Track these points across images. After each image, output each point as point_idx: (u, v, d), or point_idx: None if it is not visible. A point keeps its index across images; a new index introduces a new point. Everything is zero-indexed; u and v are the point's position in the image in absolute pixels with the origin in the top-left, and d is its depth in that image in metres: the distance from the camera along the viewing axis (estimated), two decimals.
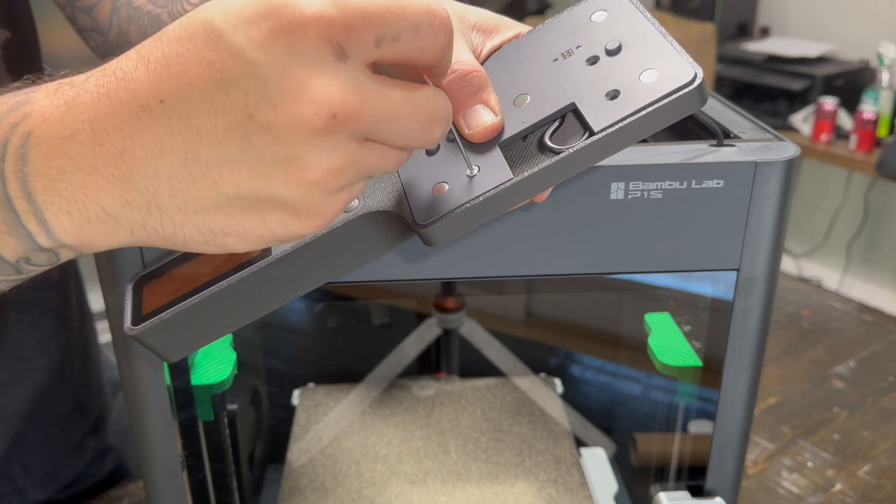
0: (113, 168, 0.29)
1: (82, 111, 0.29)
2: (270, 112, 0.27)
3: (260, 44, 0.27)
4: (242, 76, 0.27)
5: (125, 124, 0.29)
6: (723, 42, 2.60)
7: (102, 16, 0.62)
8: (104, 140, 0.29)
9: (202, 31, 0.28)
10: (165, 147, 0.29)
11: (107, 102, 0.29)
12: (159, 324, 0.35)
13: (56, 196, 0.30)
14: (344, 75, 0.28)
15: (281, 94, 0.27)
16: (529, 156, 0.35)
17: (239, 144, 0.28)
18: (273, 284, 0.36)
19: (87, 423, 0.76)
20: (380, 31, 0.28)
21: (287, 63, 0.27)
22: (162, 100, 0.28)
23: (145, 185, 0.29)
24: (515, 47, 0.40)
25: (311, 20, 0.27)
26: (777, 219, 0.45)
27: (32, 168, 0.30)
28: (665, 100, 0.33)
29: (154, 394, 0.48)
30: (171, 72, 0.28)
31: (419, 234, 0.35)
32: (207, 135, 0.28)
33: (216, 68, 0.28)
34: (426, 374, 0.80)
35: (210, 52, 0.28)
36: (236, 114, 0.28)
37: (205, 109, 0.28)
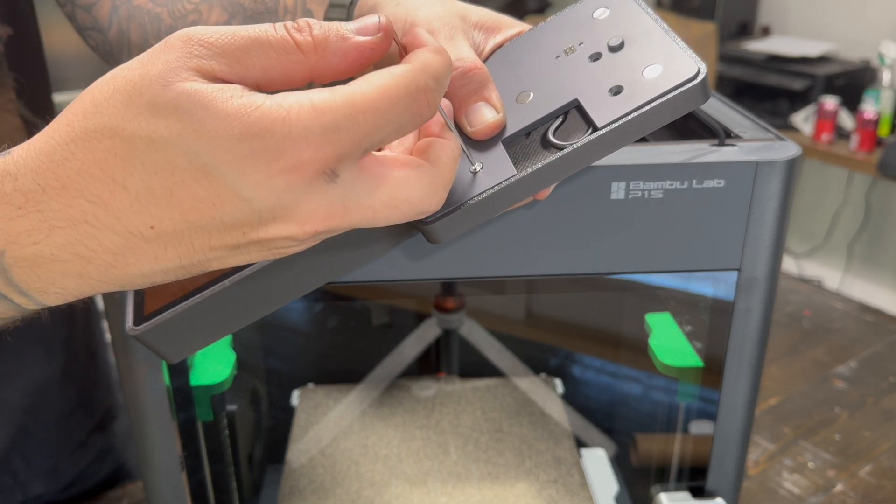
0: (104, 276, 0.29)
1: (59, 237, 0.28)
2: (262, 230, 0.29)
3: (257, 183, 0.27)
4: (239, 210, 0.28)
5: (112, 245, 0.28)
6: (724, 41, 2.59)
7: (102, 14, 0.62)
8: (91, 259, 0.29)
9: (188, 165, 0.27)
10: (159, 257, 0.29)
11: (87, 227, 0.28)
12: (161, 324, 0.35)
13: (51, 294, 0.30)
14: (332, 196, 0.29)
15: (273, 219, 0.28)
16: (533, 152, 0.35)
17: (229, 249, 0.30)
18: (275, 284, 0.36)
19: (93, 420, 0.76)
20: (368, 145, 0.29)
21: (282, 197, 0.28)
22: (153, 226, 0.28)
23: (140, 280, 0.30)
24: (518, 45, 0.40)
25: (311, 162, 0.27)
26: (778, 219, 0.45)
27: (20, 279, 0.30)
28: (668, 95, 0.33)
29: (153, 394, 0.48)
30: (158, 203, 0.28)
31: (422, 231, 0.35)
32: (201, 247, 0.29)
33: (212, 203, 0.28)
34: (426, 375, 0.80)
35: (202, 189, 0.27)
36: (230, 234, 0.29)
37: (200, 232, 0.29)
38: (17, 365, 0.68)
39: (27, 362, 0.69)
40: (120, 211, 0.28)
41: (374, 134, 0.29)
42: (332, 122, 0.28)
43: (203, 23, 0.54)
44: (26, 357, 0.69)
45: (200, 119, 0.27)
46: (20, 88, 0.61)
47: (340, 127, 0.28)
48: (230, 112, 0.27)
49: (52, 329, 0.70)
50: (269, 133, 0.27)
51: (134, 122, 0.27)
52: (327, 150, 0.28)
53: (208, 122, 0.27)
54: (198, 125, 0.27)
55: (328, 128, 0.27)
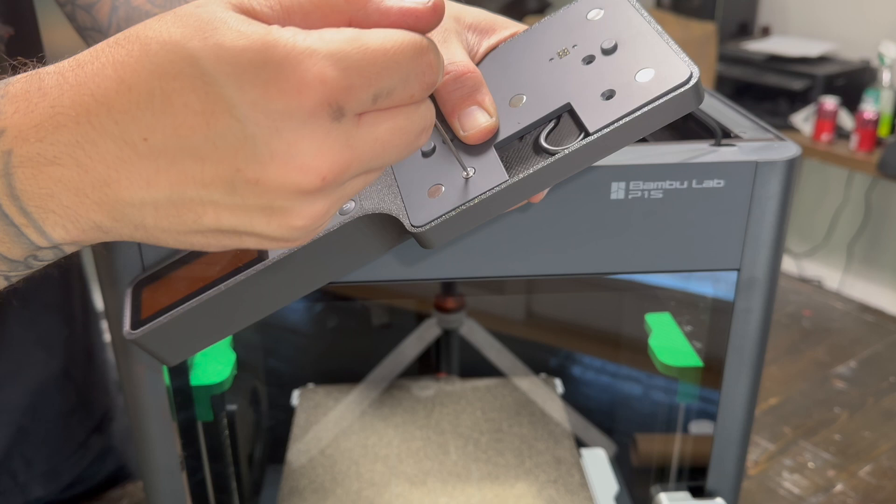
0: (100, 193, 0.29)
1: (62, 134, 0.28)
2: (258, 169, 0.27)
3: (253, 102, 0.26)
4: (231, 132, 0.27)
5: (108, 155, 0.28)
6: (724, 41, 2.59)
7: (102, 14, 0.62)
8: (88, 168, 0.29)
9: (189, 70, 0.27)
10: (151, 182, 0.28)
11: (88, 128, 0.28)
12: (158, 328, 0.35)
13: (50, 213, 0.30)
14: (336, 137, 0.27)
15: (270, 155, 0.27)
16: (525, 157, 0.35)
17: (224, 190, 0.28)
18: (271, 288, 0.36)
19: (92, 421, 0.76)
20: (377, 89, 0.28)
21: (280, 125, 0.27)
22: (146, 138, 0.28)
23: (131, 211, 0.29)
24: (511, 47, 0.40)
25: (313, 84, 0.26)
26: (778, 219, 0.45)
27: (22, 188, 0.30)
28: (660, 100, 0.33)
29: (153, 394, 0.48)
30: (154, 109, 0.27)
31: (415, 236, 0.35)
32: (193, 177, 0.28)
33: (204, 119, 0.27)
34: (426, 375, 0.80)
35: (197, 100, 0.27)
36: (223, 165, 0.27)
37: (192, 155, 0.28)
38: (17, 365, 0.68)
39: (27, 363, 0.69)
40: (119, 113, 0.28)
41: (384, 76, 0.27)
42: (340, 50, 0.27)
43: None
44: (26, 358, 0.69)
45: (215, 29, 0.26)
46: None
47: (349, 56, 0.27)
48: (243, 29, 0.27)
49: (51, 329, 0.70)
50: (272, 48, 0.26)
51: (157, 27, 0.28)
52: (333, 76, 0.26)
53: (220, 33, 0.26)
54: (210, 34, 0.26)
55: (335, 53, 0.27)
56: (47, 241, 0.31)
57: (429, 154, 0.37)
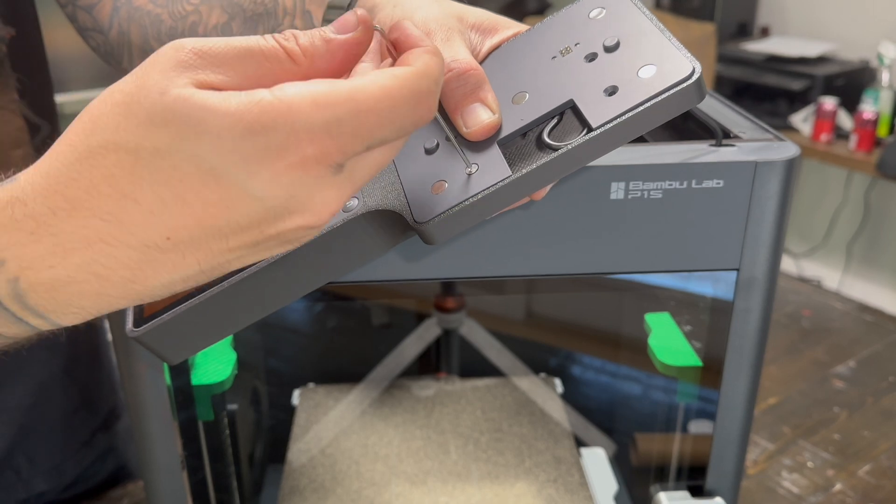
0: (123, 292, 0.29)
1: (75, 258, 0.28)
2: (280, 225, 0.29)
3: (265, 182, 0.27)
4: (252, 209, 0.28)
5: (130, 260, 0.28)
6: (723, 42, 2.59)
7: (103, 15, 0.62)
8: (109, 276, 0.29)
9: (195, 170, 0.27)
10: (178, 266, 0.29)
11: (102, 246, 0.28)
12: (161, 325, 0.35)
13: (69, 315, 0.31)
14: (339, 181, 0.29)
15: (289, 214, 0.29)
16: (528, 153, 0.35)
17: (250, 248, 0.30)
18: (274, 285, 0.36)
19: (97, 419, 0.77)
20: (371, 142, 0.29)
21: (293, 193, 0.28)
22: (169, 237, 0.28)
23: (159, 292, 0.30)
24: (514, 45, 0.40)
25: (314, 157, 0.28)
26: (777, 219, 0.45)
27: (36, 304, 0.30)
28: (663, 95, 0.33)
29: (154, 394, 0.48)
30: (171, 213, 0.28)
31: (418, 232, 0.35)
32: (220, 250, 0.29)
33: (223, 206, 0.28)
34: (426, 375, 0.80)
35: (213, 193, 0.27)
36: (248, 234, 0.29)
37: (216, 236, 0.29)
38: (20, 363, 0.68)
39: (30, 361, 0.69)
40: (134, 225, 0.28)
41: (377, 132, 0.29)
42: (334, 117, 0.27)
43: (203, 24, 0.54)
44: (29, 356, 0.69)
45: (201, 120, 0.26)
46: (23, 89, 0.61)
47: (342, 121, 0.28)
48: (230, 110, 0.27)
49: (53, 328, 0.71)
50: (272, 129, 0.27)
51: (136, 133, 0.27)
52: (330, 145, 0.28)
53: (210, 123, 0.26)
54: (199, 127, 0.26)
55: (330, 122, 0.27)
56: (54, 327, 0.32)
57: (432, 151, 0.37)
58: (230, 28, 0.52)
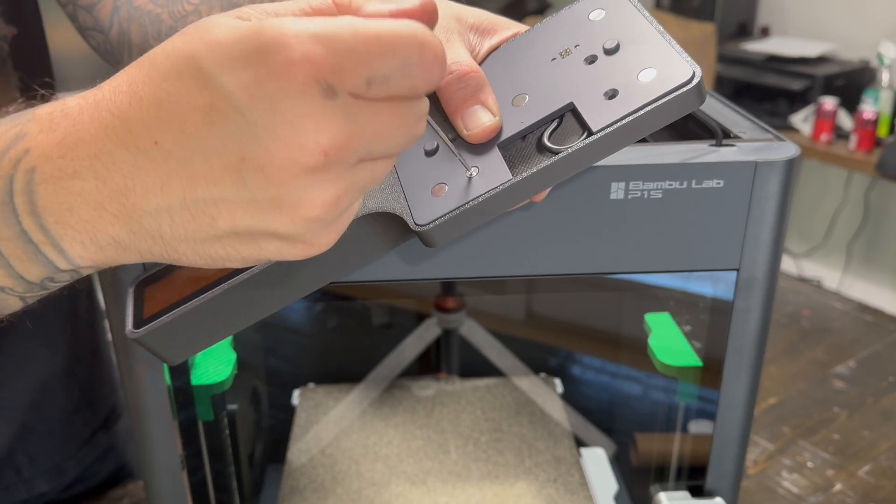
0: (117, 204, 0.30)
1: (82, 149, 0.30)
2: (262, 154, 0.28)
3: (248, 86, 0.27)
4: (232, 120, 0.27)
5: (124, 164, 0.29)
6: (723, 42, 2.59)
7: (103, 14, 0.62)
8: (105, 178, 0.30)
9: (188, 69, 0.28)
10: (164, 186, 0.29)
11: (105, 141, 0.29)
12: (160, 327, 0.35)
13: (69, 229, 0.31)
14: (332, 111, 0.27)
15: (271, 137, 0.27)
16: (528, 156, 0.35)
17: (234, 184, 0.29)
18: (274, 287, 0.36)
19: (98, 418, 0.77)
20: (370, 72, 0.27)
21: (276, 105, 0.27)
22: (156, 141, 0.29)
23: (148, 220, 0.30)
24: (514, 47, 0.40)
25: (299, 62, 0.27)
26: (777, 219, 0.45)
27: (42, 204, 0.31)
28: (663, 99, 0.33)
29: (154, 394, 0.48)
30: (161, 113, 0.28)
31: (418, 235, 0.35)
32: (203, 175, 0.29)
33: (206, 112, 0.28)
34: (426, 374, 0.80)
35: (198, 95, 0.28)
36: (229, 156, 0.28)
37: (199, 152, 0.28)
38: (20, 362, 0.68)
39: (30, 360, 0.69)
40: (133, 122, 0.29)
41: (378, 60, 0.27)
42: (329, 31, 0.27)
43: None
44: (29, 354, 0.69)
45: (208, 29, 0.28)
46: (25, 88, 0.61)
47: (337, 36, 0.27)
48: (235, 24, 0.28)
49: (55, 327, 0.71)
50: (260, 33, 0.27)
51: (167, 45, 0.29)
52: (319, 53, 0.27)
53: (213, 31, 0.28)
54: (204, 33, 0.28)
55: (323, 33, 0.27)
56: (65, 261, 0.32)
57: (432, 153, 0.37)
58: None
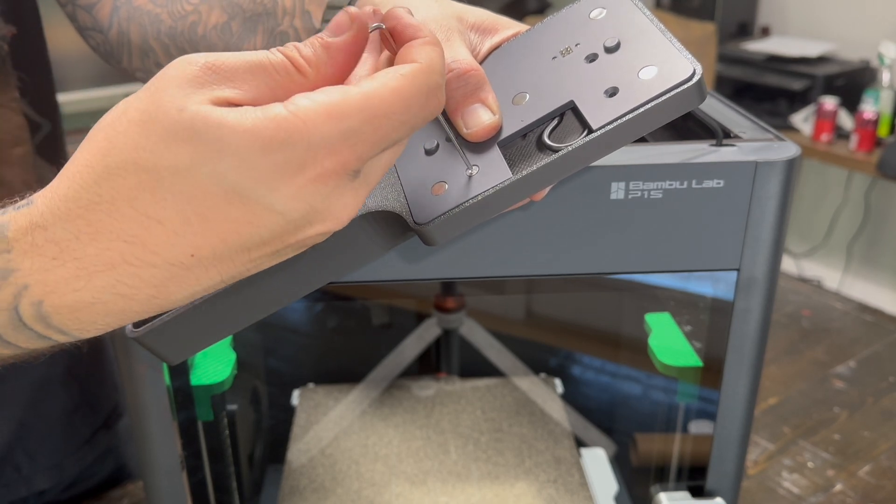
0: (146, 307, 0.30)
1: (99, 280, 0.28)
2: (300, 235, 0.30)
3: (287, 197, 0.28)
4: (275, 223, 0.28)
5: (155, 280, 0.29)
6: (723, 42, 2.59)
7: (103, 14, 0.62)
8: (134, 297, 0.29)
9: (219, 190, 0.27)
10: (200, 279, 0.29)
11: (125, 267, 0.28)
12: (161, 326, 0.35)
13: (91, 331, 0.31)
14: (356, 186, 0.30)
15: (310, 224, 0.29)
16: (528, 154, 0.35)
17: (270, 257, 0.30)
18: (274, 287, 0.36)
19: (99, 418, 0.77)
20: (386, 145, 0.29)
21: (314, 205, 0.29)
22: (193, 254, 0.28)
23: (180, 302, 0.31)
24: (514, 45, 0.40)
25: (332, 169, 0.28)
26: (777, 219, 0.45)
27: (60, 322, 0.30)
28: (664, 96, 0.33)
29: (154, 394, 0.48)
30: (194, 231, 0.28)
31: (418, 233, 0.35)
32: (242, 262, 0.30)
33: (246, 222, 0.28)
34: (426, 375, 0.80)
35: (237, 212, 0.28)
36: (270, 246, 0.29)
37: (240, 250, 0.29)
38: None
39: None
40: (158, 246, 0.28)
41: (392, 134, 0.29)
42: (350, 128, 0.28)
43: (202, 24, 0.54)
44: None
45: (220, 138, 0.27)
46: (24, 87, 0.61)
47: (358, 131, 0.28)
48: (248, 127, 0.27)
49: None
50: (289, 145, 0.27)
51: (155, 152, 0.27)
52: (348, 155, 0.28)
53: (229, 140, 0.27)
54: (219, 145, 0.27)
55: (347, 133, 0.28)
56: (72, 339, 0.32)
57: (432, 152, 0.37)
58: (229, 28, 0.52)
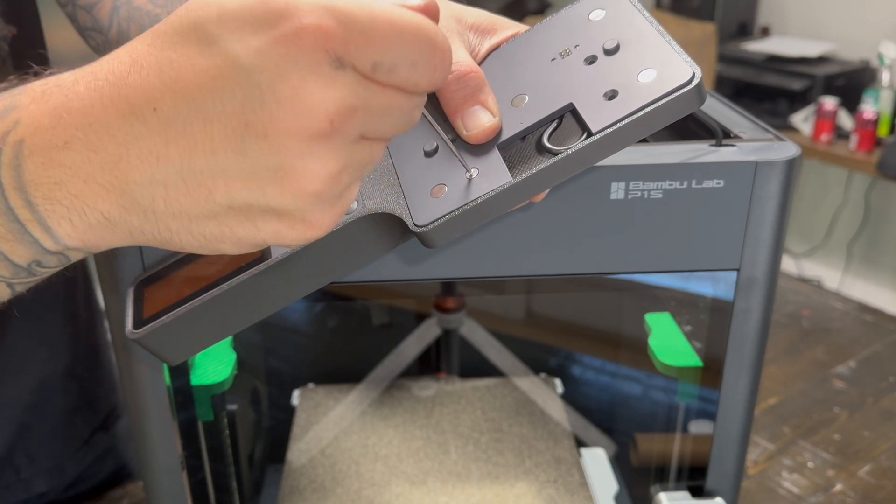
0: (109, 176, 0.29)
1: (74, 118, 0.29)
2: (266, 120, 0.27)
3: (256, 51, 0.27)
4: (237, 83, 0.27)
5: (119, 132, 0.28)
6: (723, 42, 2.59)
7: (103, 14, 0.62)
8: (98, 148, 0.29)
9: (194, 35, 0.27)
10: (160, 156, 0.28)
11: (100, 109, 0.28)
12: (160, 327, 0.35)
13: (56, 205, 0.30)
14: (340, 81, 0.27)
15: (277, 102, 0.27)
16: (528, 157, 0.35)
17: (234, 153, 0.28)
18: (274, 287, 0.36)
19: (97, 419, 0.77)
20: (377, 57, 0.27)
21: (283, 70, 0.27)
22: (155, 108, 0.28)
23: (140, 192, 0.29)
24: (513, 47, 0.40)
25: (310, 30, 0.26)
26: (777, 219, 0.45)
27: (30, 178, 0.29)
28: (663, 100, 0.33)
29: (154, 394, 0.48)
30: (163, 78, 0.28)
31: (418, 236, 0.35)
32: (202, 143, 0.28)
33: (210, 76, 0.27)
34: (426, 375, 0.80)
35: (203, 59, 0.27)
36: (232, 122, 0.27)
37: (200, 117, 0.27)
38: (18, 362, 0.68)
39: (29, 360, 0.69)
40: (130, 89, 0.28)
41: (387, 47, 0.27)
42: (344, 7, 0.27)
43: None
44: (29, 355, 0.69)
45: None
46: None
47: (351, 13, 0.27)
48: None
49: (54, 327, 0.71)
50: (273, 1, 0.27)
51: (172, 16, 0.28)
52: (331, 25, 0.27)
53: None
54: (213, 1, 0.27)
55: (337, 8, 0.27)
56: (52, 241, 0.31)
57: (431, 154, 0.37)
58: None
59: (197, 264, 0.38)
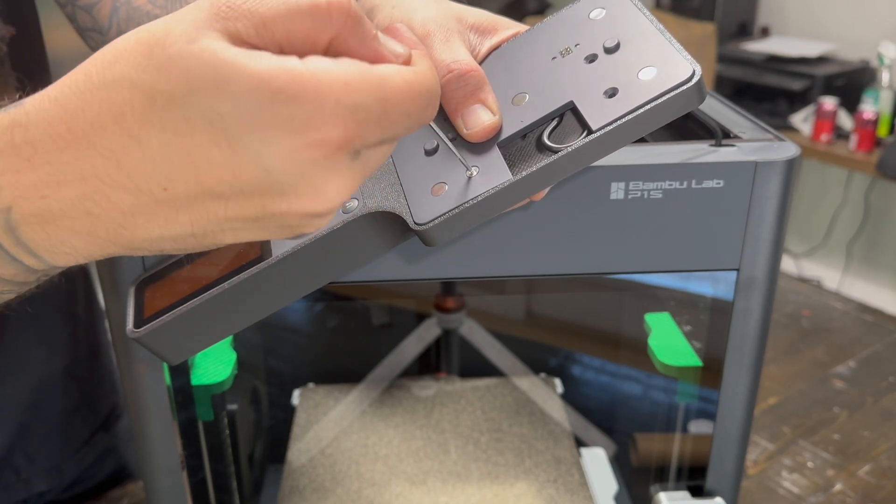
0: (113, 236, 0.29)
1: (68, 191, 0.27)
2: (284, 205, 0.28)
3: (281, 156, 0.26)
4: (259, 181, 0.27)
5: (123, 204, 0.28)
6: (723, 42, 2.59)
7: (102, 15, 0.62)
8: (101, 217, 0.28)
9: (208, 125, 0.26)
10: (170, 221, 0.28)
11: (96, 182, 0.27)
12: (161, 326, 0.35)
13: (61, 254, 0.30)
14: (352, 169, 0.28)
15: (296, 194, 0.28)
16: (528, 155, 0.35)
17: (247, 220, 0.28)
18: (274, 286, 0.36)
19: (97, 419, 0.77)
20: (389, 134, 0.29)
21: (306, 171, 0.27)
22: (166, 188, 0.27)
23: (148, 245, 0.29)
24: (514, 46, 0.40)
25: (336, 139, 0.27)
26: (777, 219, 0.45)
27: (29, 238, 0.29)
28: (663, 97, 0.33)
29: (154, 394, 0.48)
30: (172, 164, 0.26)
31: (418, 234, 0.35)
32: (216, 214, 0.28)
33: (229, 170, 0.26)
34: (426, 375, 0.80)
35: (220, 154, 0.26)
36: (249, 204, 0.28)
37: (215, 198, 0.27)
38: (18, 363, 0.68)
39: (30, 360, 0.69)
40: (133, 169, 0.27)
41: (396, 125, 0.28)
42: (363, 104, 0.27)
43: None
44: (28, 355, 0.69)
45: (226, 77, 0.25)
46: (23, 88, 0.61)
47: (369, 109, 0.27)
48: (258, 72, 0.25)
49: (53, 328, 0.71)
50: (298, 101, 0.26)
51: (154, 74, 0.26)
52: (354, 130, 0.27)
53: (234, 81, 0.25)
54: (223, 83, 0.25)
55: (359, 107, 0.27)
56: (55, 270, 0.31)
57: (432, 152, 0.37)
58: None
59: (197, 264, 0.38)
